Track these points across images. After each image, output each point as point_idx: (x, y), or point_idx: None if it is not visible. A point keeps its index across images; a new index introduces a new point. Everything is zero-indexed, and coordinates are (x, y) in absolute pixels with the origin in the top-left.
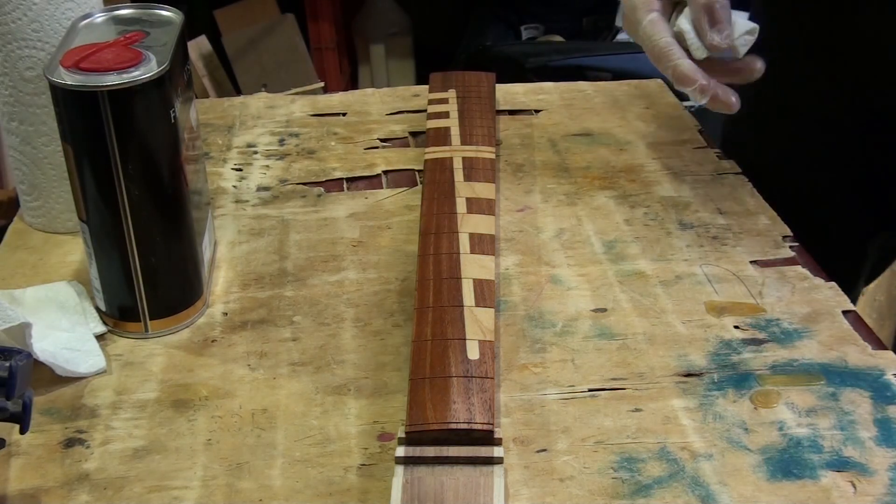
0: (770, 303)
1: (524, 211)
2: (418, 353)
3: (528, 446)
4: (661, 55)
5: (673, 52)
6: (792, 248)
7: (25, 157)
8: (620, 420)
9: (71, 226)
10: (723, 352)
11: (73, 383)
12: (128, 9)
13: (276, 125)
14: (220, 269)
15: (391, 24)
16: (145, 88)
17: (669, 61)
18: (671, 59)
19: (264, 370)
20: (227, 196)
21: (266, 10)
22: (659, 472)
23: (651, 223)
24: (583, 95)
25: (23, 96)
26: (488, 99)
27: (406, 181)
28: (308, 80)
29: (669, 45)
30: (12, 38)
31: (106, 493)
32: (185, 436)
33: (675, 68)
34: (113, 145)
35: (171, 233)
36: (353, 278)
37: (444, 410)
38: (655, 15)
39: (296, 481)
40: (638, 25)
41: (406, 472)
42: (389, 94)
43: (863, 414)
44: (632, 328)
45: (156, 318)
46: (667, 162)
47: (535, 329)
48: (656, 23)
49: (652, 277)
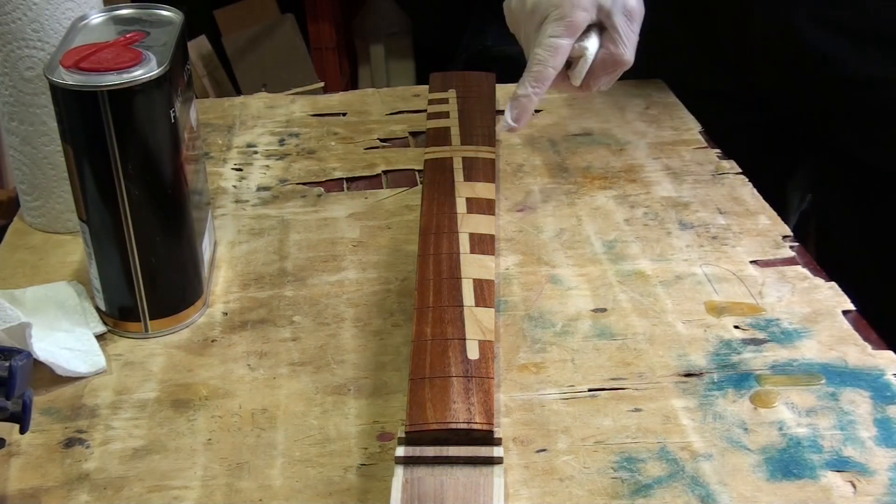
0: (770, 303)
1: (524, 211)
2: (418, 353)
3: (528, 446)
4: (534, 72)
5: (536, 79)
6: (792, 248)
7: (25, 157)
8: (620, 420)
9: (71, 226)
10: (723, 352)
11: (73, 383)
12: (128, 9)
13: (276, 125)
14: (220, 269)
15: (391, 24)
16: (145, 88)
17: (527, 80)
18: (524, 83)
19: (264, 370)
20: (227, 196)
21: (266, 10)
22: (659, 472)
23: (651, 223)
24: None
25: (23, 96)
26: (488, 99)
27: (406, 181)
28: (308, 80)
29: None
30: (12, 38)
31: (106, 493)
32: (185, 436)
33: (515, 92)
34: (113, 145)
35: (171, 233)
36: (353, 278)
37: (444, 410)
38: (566, 42)
39: (296, 481)
40: (542, 34)
41: (406, 472)
42: (389, 94)
43: (863, 414)
44: (632, 328)
45: (156, 318)
46: (667, 162)
47: (535, 329)
48: (560, 49)
49: (652, 277)
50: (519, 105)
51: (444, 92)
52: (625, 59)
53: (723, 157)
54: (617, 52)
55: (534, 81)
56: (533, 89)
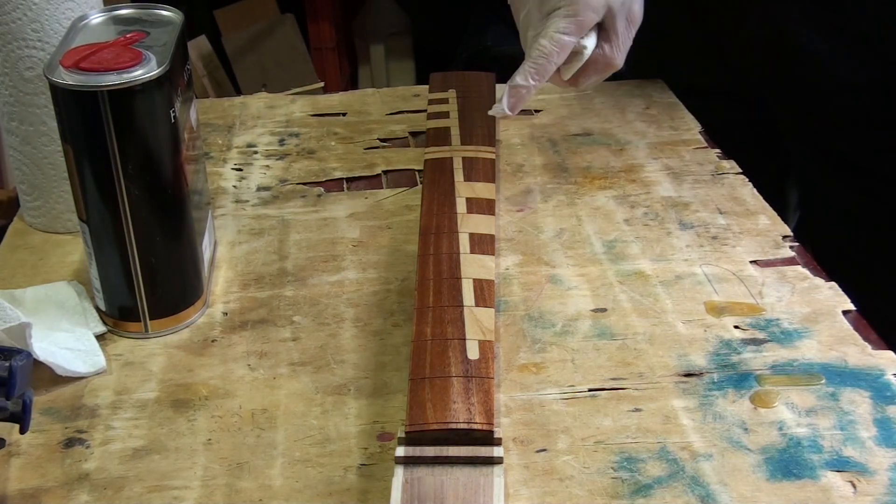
0: (770, 303)
1: (524, 211)
2: (418, 353)
3: (528, 446)
4: (537, 64)
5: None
6: (792, 248)
7: (25, 157)
8: (620, 420)
9: (71, 226)
10: (723, 352)
11: (73, 383)
12: (128, 9)
13: (276, 125)
14: (220, 269)
15: (391, 24)
16: (145, 88)
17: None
18: (525, 73)
19: (264, 370)
20: (227, 196)
21: (266, 10)
22: (659, 472)
23: (651, 223)
24: (583, 95)
25: (23, 96)
26: (488, 99)
27: (406, 181)
28: (308, 80)
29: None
30: (12, 38)
31: (106, 493)
32: (185, 436)
33: (514, 80)
34: (113, 145)
35: (171, 233)
36: (353, 278)
37: (444, 410)
38: (572, 40)
39: (296, 481)
40: (550, 27)
41: (406, 472)
42: (389, 94)
43: (863, 414)
44: (632, 328)
45: (156, 318)
46: (667, 162)
47: (535, 329)
48: (566, 47)
49: (652, 277)
50: (517, 94)
51: (444, 92)
52: (616, 62)
53: (723, 157)
54: (611, 55)
55: (535, 74)
56: (533, 81)
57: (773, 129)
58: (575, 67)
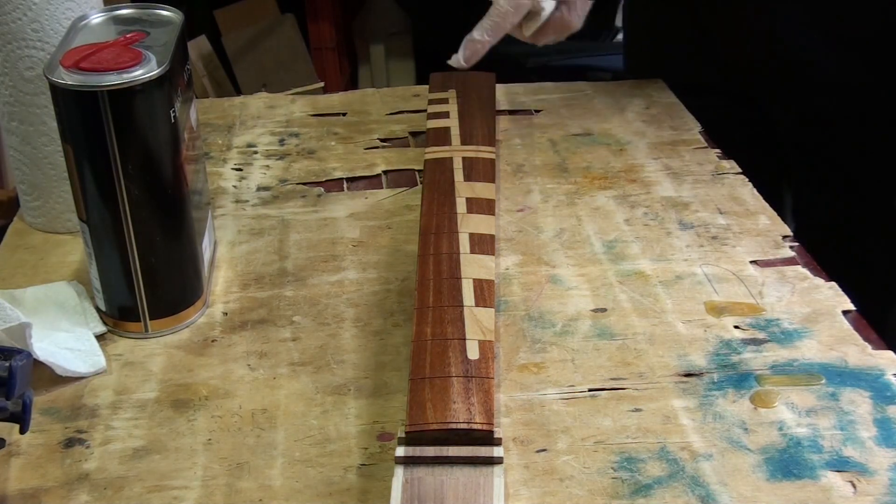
0: (770, 303)
1: (524, 211)
2: (418, 353)
3: (528, 446)
4: (493, 22)
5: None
6: (792, 248)
7: (25, 157)
8: (620, 420)
9: (71, 226)
10: (723, 352)
11: (73, 383)
12: (128, 9)
13: (276, 125)
14: (220, 269)
15: (391, 24)
16: (145, 88)
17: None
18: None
19: (264, 370)
20: (227, 196)
21: (266, 10)
22: (659, 472)
23: (651, 223)
24: (583, 95)
25: (23, 96)
26: (488, 99)
27: (406, 181)
28: (308, 80)
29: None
30: (12, 38)
31: (106, 493)
32: (185, 436)
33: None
34: (113, 145)
35: (171, 233)
36: (353, 278)
37: (444, 410)
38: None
39: (296, 481)
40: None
41: (406, 472)
42: (389, 94)
43: (863, 414)
44: (632, 328)
45: (156, 318)
46: (667, 162)
47: (535, 329)
48: (521, 8)
49: (652, 277)
50: (472, 48)
51: (444, 92)
52: (573, 24)
53: (723, 157)
54: (568, 17)
55: (490, 30)
56: (488, 37)
57: (771, 129)
58: (534, 26)
